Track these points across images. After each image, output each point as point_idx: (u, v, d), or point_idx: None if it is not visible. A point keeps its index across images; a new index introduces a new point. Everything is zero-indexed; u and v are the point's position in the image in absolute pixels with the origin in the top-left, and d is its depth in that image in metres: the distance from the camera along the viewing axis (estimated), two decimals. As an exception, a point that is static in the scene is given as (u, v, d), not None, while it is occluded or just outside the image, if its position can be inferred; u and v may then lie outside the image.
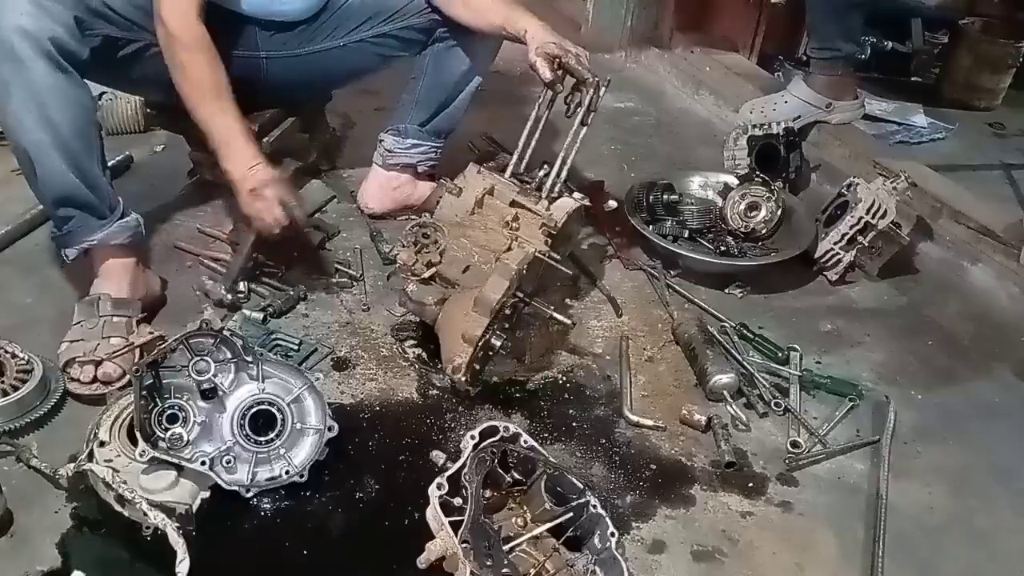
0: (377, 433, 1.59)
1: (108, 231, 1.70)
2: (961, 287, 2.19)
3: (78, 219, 1.67)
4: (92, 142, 1.67)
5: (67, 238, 1.70)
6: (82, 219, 1.67)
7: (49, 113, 1.56)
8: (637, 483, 1.55)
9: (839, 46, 2.55)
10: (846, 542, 1.48)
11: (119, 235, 1.71)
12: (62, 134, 1.59)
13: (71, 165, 1.61)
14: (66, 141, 1.60)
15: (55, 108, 1.57)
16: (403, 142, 2.11)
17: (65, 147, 1.60)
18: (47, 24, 1.53)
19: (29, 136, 1.57)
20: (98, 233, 1.69)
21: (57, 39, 1.54)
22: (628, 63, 3.42)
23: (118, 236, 1.71)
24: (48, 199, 1.66)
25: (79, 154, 1.62)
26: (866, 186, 2.11)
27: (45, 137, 1.57)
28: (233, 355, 1.45)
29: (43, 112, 1.56)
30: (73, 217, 1.67)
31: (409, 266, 1.68)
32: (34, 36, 1.52)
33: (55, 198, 1.65)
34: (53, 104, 1.57)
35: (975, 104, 3.28)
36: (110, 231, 1.70)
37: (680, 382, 1.79)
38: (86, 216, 1.67)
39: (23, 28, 1.51)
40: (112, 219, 1.70)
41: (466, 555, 1.18)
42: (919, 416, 1.76)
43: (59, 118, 1.58)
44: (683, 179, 2.37)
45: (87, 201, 1.66)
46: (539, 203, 1.75)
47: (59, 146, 1.59)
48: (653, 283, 2.08)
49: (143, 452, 1.33)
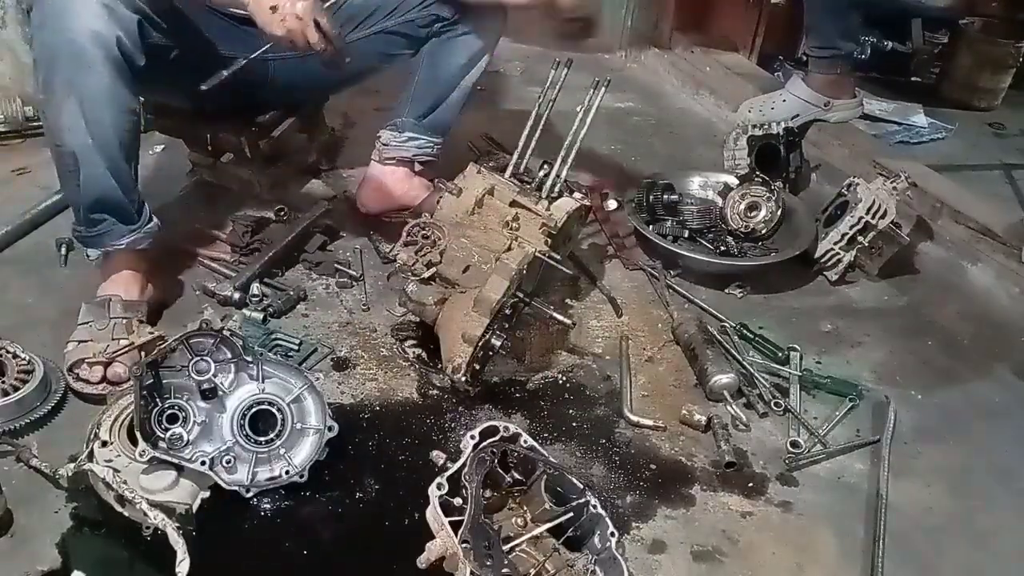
0: (377, 433, 1.59)
1: (135, 236, 1.71)
2: (961, 287, 2.19)
3: (109, 223, 1.68)
4: (134, 150, 1.68)
5: (95, 240, 1.70)
6: (112, 223, 1.69)
7: (102, 118, 1.57)
8: (637, 483, 1.55)
9: (838, 45, 2.55)
10: (846, 542, 1.48)
11: (144, 240, 1.73)
12: (109, 140, 1.59)
13: (113, 170, 1.62)
14: (113, 147, 1.60)
15: (109, 114, 1.57)
16: (400, 135, 2.11)
17: (111, 153, 1.60)
18: (114, 26, 1.53)
19: (79, 139, 1.57)
20: (126, 238, 1.71)
21: (122, 42, 1.54)
22: (628, 63, 3.42)
23: (143, 241, 1.73)
24: (86, 202, 1.66)
25: (121, 160, 1.63)
26: (866, 186, 2.11)
27: (94, 142, 1.58)
28: (233, 355, 1.45)
29: (97, 116, 1.56)
30: (105, 220, 1.68)
31: (409, 266, 1.68)
32: (104, 38, 1.51)
33: (93, 201, 1.65)
34: (108, 110, 1.57)
35: (975, 104, 3.28)
36: (137, 236, 1.72)
37: (680, 382, 1.79)
38: (116, 221, 1.69)
39: (95, 32, 1.50)
40: (140, 225, 1.72)
41: (466, 555, 1.18)
42: (919, 416, 1.76)
43: (110, 124, 1.58)
44: (683, 179, 2.37)
45: (121, 206, 1.67)
46: (539, 203, 1.75)
47: (105, 151, 1.59)
48: (653, 283, 2.08)
49: (143, 452, 1.33)
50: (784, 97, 2.65)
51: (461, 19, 2.00)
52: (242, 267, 1.93)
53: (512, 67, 3.20)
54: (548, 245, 1.71)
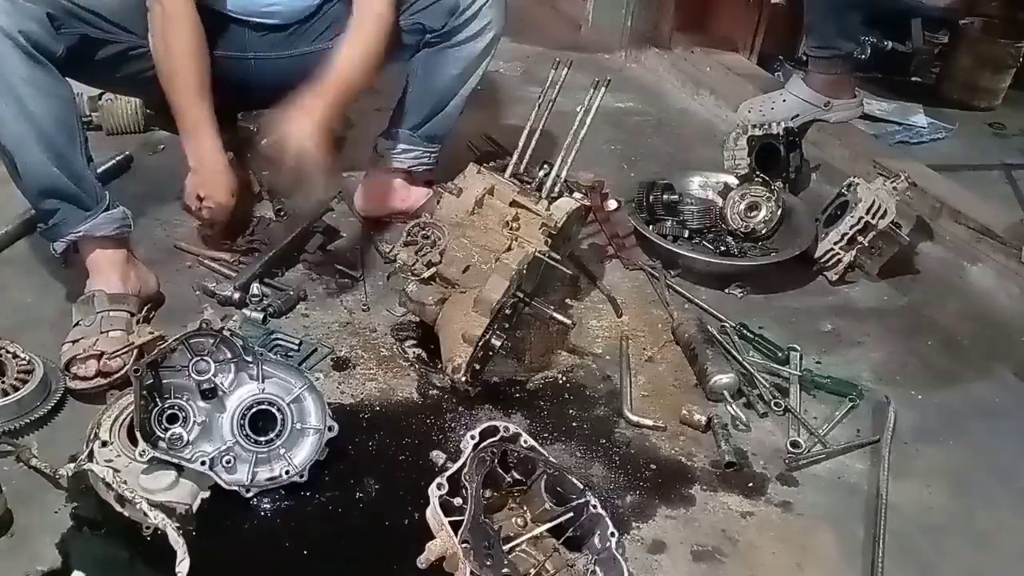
0: (377, 433, 1.59)
1: (93, 222, 1.70)
2: (961, 287, 2.19)
3: (63, 211, 1.68)
4: (74, 134, 1.67)
5: (53, 231, 1.70)
6: (67, 211, 1.68)
7: (27, 106, 1.57)
8: (637, 483, 1.55)
9: (837, 45, 2.55)
10: (846, 542, 1.48)
11: (105, 227, 1.71)
12: (42, 126, 1.60)
13: (53, 157, 1.62)
14: (46, 133, 1.60)
15: (32, 101, 1.58)
16: (395, 146, 2.10)
17: (46, 139, 1.61)
18: (18, 18, 1.55)
19: (8, 130, 1.58)
20: (84, 224, 1.69)
21: (28, 33, 1.56)
22: (628, 63, 3.42)
23: (104, 228, 1.71)
24: (32, 192, 1.67)
25: (61, 146, 1.63)
26: (866, 186, 2.11)
27: (24, 130, 1.58)
28: (233, 355, 1.45)
29: (21, 105, 1.57)
30: (58, 210, 1.67)
31: (409, 266, 1.68)
32: (5, 30, 1.53)
33: (39, 191, 1.65)
34: (30, 97, 1.58)
35: (975, 104, 3.28)
36: (95, 222, 1.70)
37: (680, 382, 1.79)
38: (71, 208, 1.68)
39: None
40: (97, 211, 1.70)
41: (466, 555, 1.18)
42: (919, 416, 1.76)
43: (38, 111, 1.59)
44: (683, 179, 2.37)
45: (71, 193, 1.67)
46: (539, 203, 1.75)
47: (39, 139, 1.60)
48: (653, 283, 2.08)
49: (143, 452, 1.33)
50: (784, 97, 2.65)
51: (453, 31, 1.95)
52: (242, 267, 1.93)
53: (512, 67, 3.20)
54: (548, 245, 1.71)
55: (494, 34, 2.00)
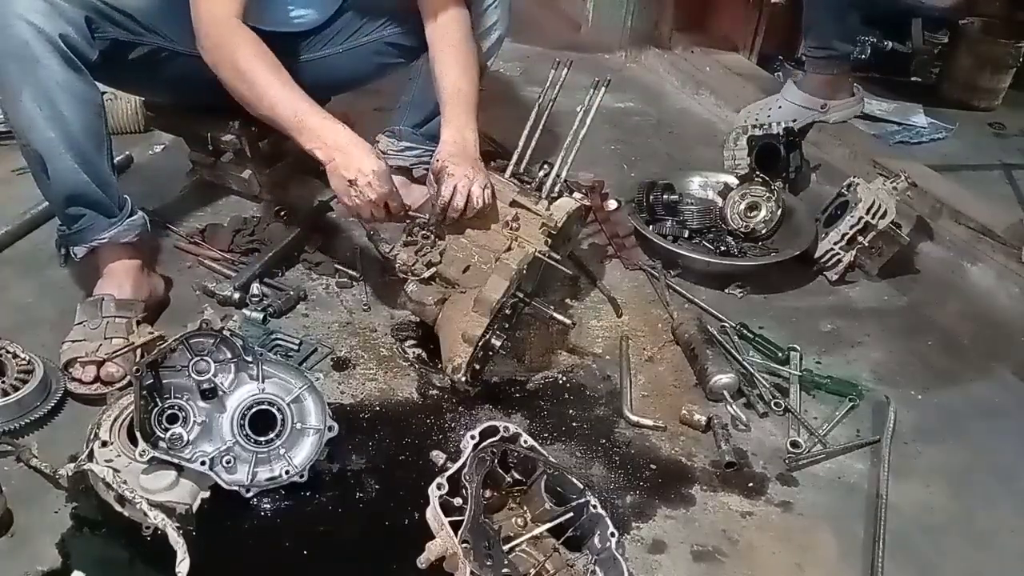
0: (377, 433, 1.59)
1: (117, 229, 1.70)
2: (961, 287, 2.19)
3: (88, 218, 1.68)
4: (102, 141, 1.67)
5: (76, 236, 1.70)
6: (92, 218, 1.68)
7: (61, 111, 1.57)
8: (637, 483, 1.55)
9: (835, 46, 2.55)
10: (846, 542, 1.48)
11: (127, 233, 1.72)
12: (73, 133, 1.59)
13: (82, 163, 1.61)
14: (77, 140, 1.60)
15: (67, 106, 1.57)
16: (397, 144, 2.10)
17: (76, 146, 1.60)
18: (59, 23, 1.54)
19: (41, 135, 1.57)
20: (108, 232, 1.69)
21: (68, 37, 1.55)
22: (628, 63, 3.43)
23: (127, 234, 1.72)
24: (59, 198, 1.66)
25: (90, 153, 1.63)
26: (866, 186, 2.11)
27: (57, 135, 1.57)
28: (233, 355, 1.45)
29: (55, 110, 1.56)
30: (83, 216, 1.67)
31: (409, 266, 1.68)
32: (47, 34, 1.52)
33: (66, 197, 1.65)
34: (65, 102, 1.57)
35: (975, 104, 3.28)
36: (119, 230, 1.70)
37: (680, 382, 1.79)
38: (96, 215, 1.68)
39: (36, 26, 1.51)
40: (121, 217, 1.71)
41: (466, 555, 1.18)
42: (919, 416, 1.76)
43: (71, 116, 1.58)
44: (683, 179, 2.37)
45: (97, 199, 1.67)
46: (539, 203, 1.75)
47: (70, 145, 1.59)
48: (653, 283, 2.08)
49: (143, 452, 1.33)
50: (780, 103, 2.65)
51: None
52: (242, 267, 1.93)
53: (512, 67, 3.20)
54: (548, 245, 1.71)
55: (499, 34, 2.01)
